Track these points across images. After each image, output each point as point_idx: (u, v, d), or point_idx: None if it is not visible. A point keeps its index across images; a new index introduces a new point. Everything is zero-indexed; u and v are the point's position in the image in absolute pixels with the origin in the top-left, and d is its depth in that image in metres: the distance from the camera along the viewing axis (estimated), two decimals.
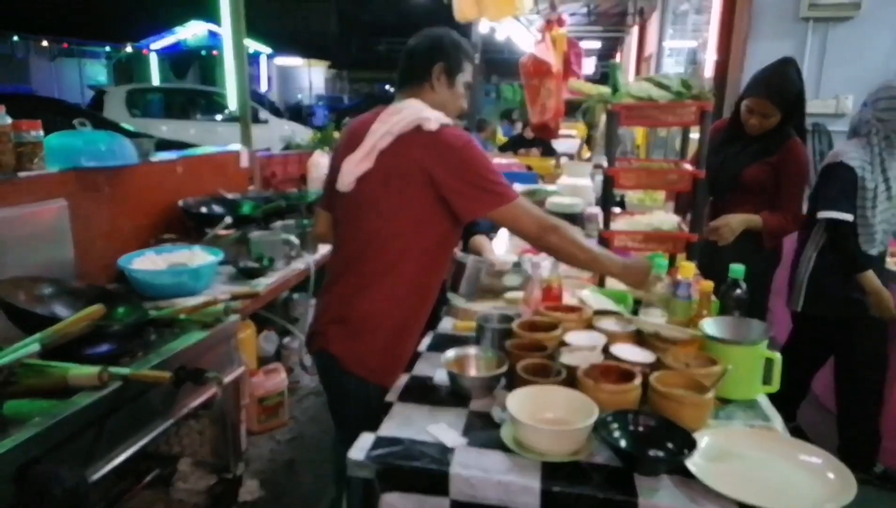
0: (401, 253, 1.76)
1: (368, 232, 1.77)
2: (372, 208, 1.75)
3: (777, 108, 2.62)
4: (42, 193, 2.30)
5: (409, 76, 1.83)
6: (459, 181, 1.69)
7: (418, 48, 1.82)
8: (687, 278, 1.75)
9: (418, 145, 1.69)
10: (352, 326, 1.79)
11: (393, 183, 1.72)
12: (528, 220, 1.74)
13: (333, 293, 1.86)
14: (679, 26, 6.92)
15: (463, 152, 1.70)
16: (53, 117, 2.50)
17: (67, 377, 1.71)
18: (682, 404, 1.40)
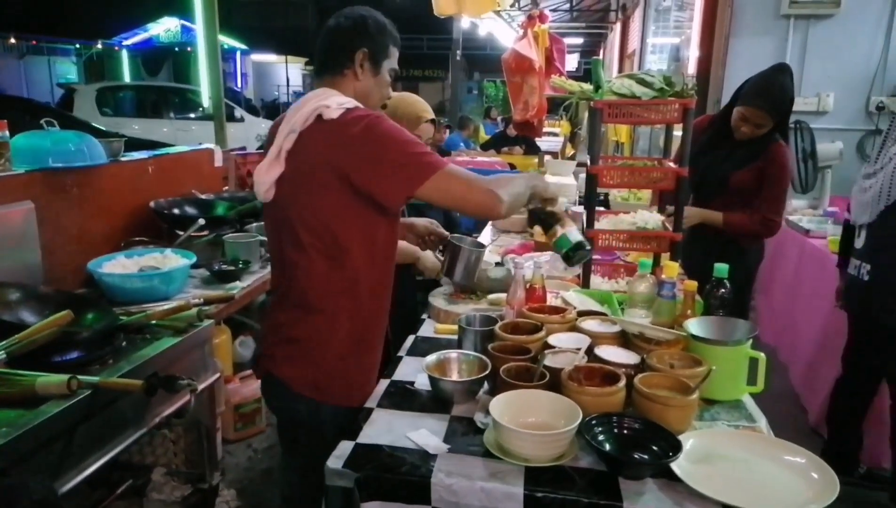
0: (333, 262, 1.58)
1: (296, 243, 1.59)
2: (293, 215, 1.58)
3: (772, 118, 2.62)
4: (8, 195, 2.22)
5: (329, 63, 1.63)
6: (371, 164, 1.49)
7: (340, 30, 1.62)
8: (671, 278, 1.74)
9: (320, 139, 1.52)
10: (299, 346, 1.63)
11: (305, 185, 1.55)
12: (471, 185, 1.52)
13: (277, 312, 1.69)
14: (662, 23, 6.96)
15: (369, 132, 1.49)
16: (21, 117, 2.42)
17: (35, 386, 1.65)
18: (666, 405, 1.39)
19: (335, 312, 1.61)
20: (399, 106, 2.20)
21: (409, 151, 1.50)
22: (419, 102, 2.24)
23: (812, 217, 4.04)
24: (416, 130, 2.19)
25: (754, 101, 2.62)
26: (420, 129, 2.19)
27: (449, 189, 1.51)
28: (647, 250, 2.22)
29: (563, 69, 3.83)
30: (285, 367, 1.65)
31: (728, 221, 2.69)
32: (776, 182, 2.68)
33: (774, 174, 2.66)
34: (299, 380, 1.63)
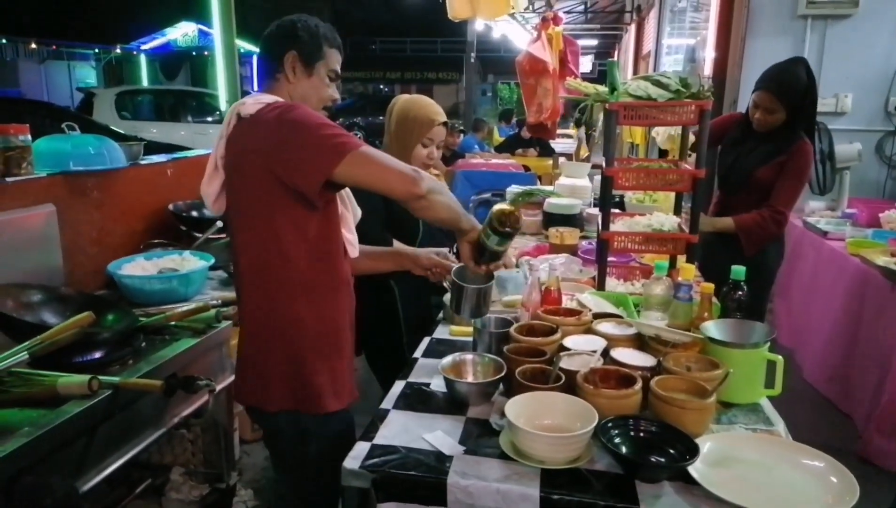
0: (279, 262, 1.56)
1: (248, 253, 1.60)
2: (238, 223, 1.61)
3: (780, 103, 2.62)
4: (30, 198, 2.26)
5: (265, 68, 1.65)
6: (286, 150, 1.47)
7: (270, 36, 1.65)
8: (688, 280, 1.73)
9: (239, 136, 1.54)
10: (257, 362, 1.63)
11: (239, 188, 1.56)
12: (388, 165, 1.50)
13: (242, 331, 1.70)
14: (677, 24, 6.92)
15: (282, 118, 1.48)
16: (42, 121, 2.46)
17: (57, 386, 1.68)
18: (683, 408, 1.38)
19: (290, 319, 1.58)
20: (411, 108, 2.21)
21: (321, 134, 1.47)
22: (431, 105, 2.25)
23: (830, 219, 4.00)
24: (428, 133, 2.19)
25: (763, 84, 2.67)
26: (433, 131, 2.19)
27: (365, 169, 1.48)
28: (663, 253, 2.21)
29: (577, 71, 3.82)
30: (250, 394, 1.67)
31: (740, 223, 2.68)
32: (792, 176, 2.67)
33: (792, 169, 2.65)
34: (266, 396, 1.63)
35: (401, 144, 2.18)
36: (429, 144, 2.20)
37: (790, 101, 2.63)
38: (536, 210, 3.52)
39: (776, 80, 2.67)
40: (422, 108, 2.21)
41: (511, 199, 1.65)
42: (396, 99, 2.27)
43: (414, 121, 2.17)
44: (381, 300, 2.23)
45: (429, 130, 2.18)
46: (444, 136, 2.24)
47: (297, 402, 1.61)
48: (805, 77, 2.66)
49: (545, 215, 3.31)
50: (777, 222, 2.67)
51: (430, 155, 2.21)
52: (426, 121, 2.18)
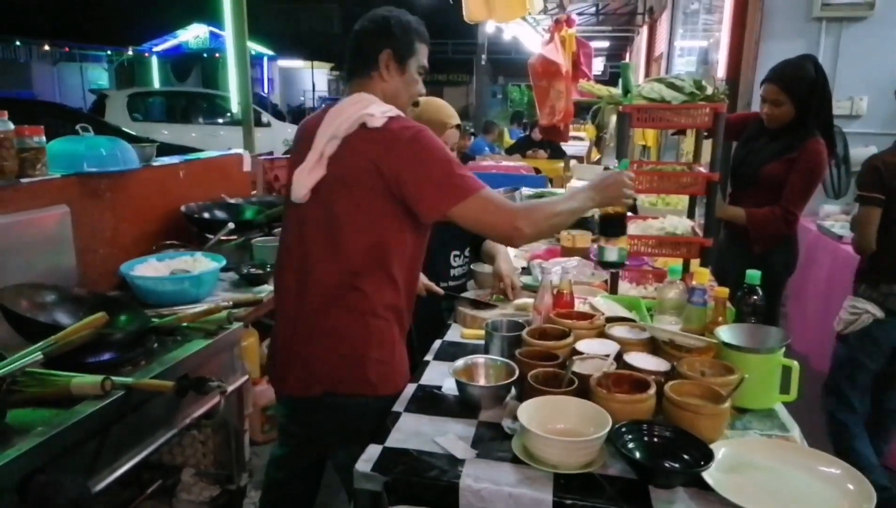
0: (366, 264, 1.62)
1: (328, 246, 1.62)
2: (329, 218, 1.61)
3: (786, 95, 2.61)
4: (44, 199, 2.27)
5: (356, 67, 1.67)
6: (416, 175, 1.54)
7: (363, 33, 1.66)
8: (702, 285, 1.71)
9: (365, 144, 1.56)
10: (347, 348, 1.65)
11: (346, 190, 1.59)
12: (496, 215, 1.57)
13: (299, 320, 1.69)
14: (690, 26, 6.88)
15: (413, 145, 1.55)
16: (55, 122, 2.47)
17: (70, 386, 1.68)
18: (698, 414, 1.37)
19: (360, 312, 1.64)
20: (425, 111, 2.20)
21: (451, 171, 1.56)
22: (445, 108, 2.24)
23: (845, 223, 3.95)
24: (441, 136, 2.18)
25: (768, 77, 2.68)
26: (445, 134, 2.19)
27: (478, 214, 1.57)
28: (677, 256, 2.19)
29: (589, 73, 3.81)
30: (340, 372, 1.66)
31: (750, 216, 2.65)
32: (802, 175, 2.63)
33: (802, 168, 2.62)
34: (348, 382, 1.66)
35: None
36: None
37: (795, 92, 2.61)
38: None
39: (780, 71, 2.68)
40: (435, 111, 2.21)
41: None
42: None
43: (427, 124, 2.16)
44: None
45: (441, 133, 2.17)
46: (457, 138, 2.24)
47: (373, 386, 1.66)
48: (813, 71, 2.64)
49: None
50: (787, 221, 2.64)
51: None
52: (439, 124, 2.17)
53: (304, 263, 1.67)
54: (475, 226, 1.61)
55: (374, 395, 1.65)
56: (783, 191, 2.65)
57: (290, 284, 1.71)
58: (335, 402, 1.68)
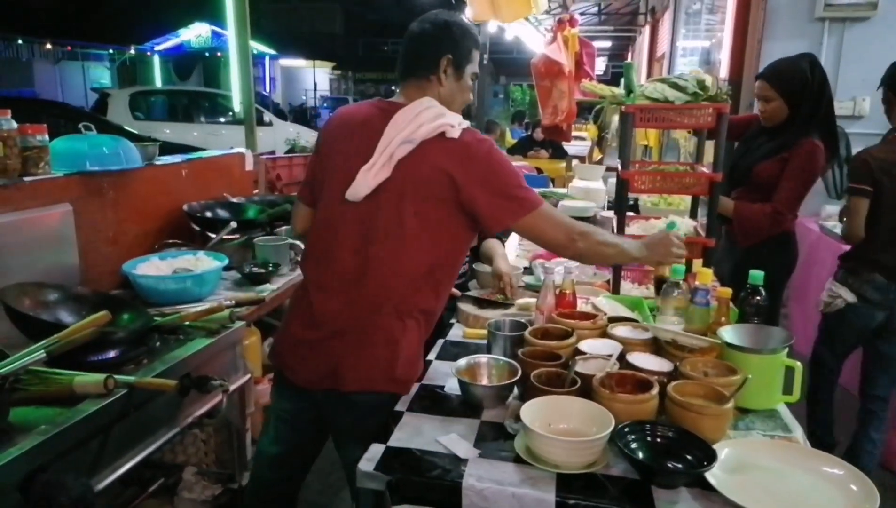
0: (424, 274, 1.65)
1: (394, 251, 1.62)
2: (390, 219, 1.61)
3: (775, 91, 2.61)
4: (47, 197, 2.27)
5: (415, 68, 1.68)
6: (485, 190, 1.59)
7: (424, 36, 1.67)
8: (705, 285, 1.71)
9: (441, 154, 1.58)
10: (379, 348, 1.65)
11: (417, 197, 1.60)
12: (555, 228, 1.65)
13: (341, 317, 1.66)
14: (692, 26, 6.87)
15: (488, 159, 1.61)
16: (57, 121, 2.47)
17: (73, 385, 1.68)
18: (701, 414, 1.37)
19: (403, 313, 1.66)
20: None
21: (519, 185, 1.63)
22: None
23: None
24: None
25: (760, 72, 2.70)
26: None
27: (538, 227, 1.66)
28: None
29: (592, 73, 3.81)
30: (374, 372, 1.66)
31: (738, 209, 2.64)
32: (794, 175, 2.60)
33: (794, 167, 2.59)
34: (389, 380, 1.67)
35: None
36: None
37: (785, 89, 2.61)
38: None
39: (772, 67, 2.70)
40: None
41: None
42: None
43: None
44: None
45: None
46: None
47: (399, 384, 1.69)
48: (807, 70, 2.62)
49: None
50: (775, 220, 2.61)
51: None
52: None
53: (363, 263, 1.64)
54: (536, 236, 1.68)
55: (398, 393, 1.68)
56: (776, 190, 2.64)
57: (335, 282, 1.67)
58: (364, 400, 1.67)
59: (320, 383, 1.70)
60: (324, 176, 1.72)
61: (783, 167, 2.62)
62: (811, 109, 2.61)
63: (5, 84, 17.57)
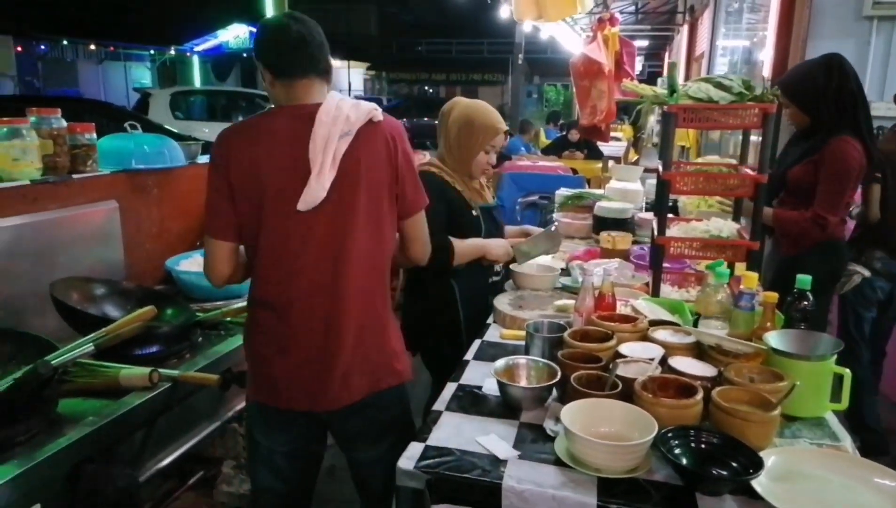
0: (380, 260, 1.66)
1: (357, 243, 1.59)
2: (353, 215, 1.57)
3: (788, 99, 2.56)
4: (94, 194, 2.33)
5: (315, 68, 1.59)
6: (409, 171, 1.67)
7: (318, 38, 1.60)
8: (750, 289, 1.68)
9: (375, 138, 1.59)
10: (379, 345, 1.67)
11: (365, 183, 1.58)
12: (425, 234, 1.77)
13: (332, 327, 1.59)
14: (733, 25, 6.72)
15: (406, 142, 1.67)
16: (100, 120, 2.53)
17: (119, 378, 1.73)
18: (747, 421, 1.34)
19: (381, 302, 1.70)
20: (476, 116, 2.20)
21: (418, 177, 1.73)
22: (494, 112, 2.26)
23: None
24: (492, 140, 2.19)
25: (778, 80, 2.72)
26: (496, 139, 2.20)
27: (420, 228, 1.76)
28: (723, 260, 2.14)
29: (632, 73, 3.76)
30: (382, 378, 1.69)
31: (777, 216, 2.58)
32: (827, 177, 2.52)
33: (828, 169, 2.51)
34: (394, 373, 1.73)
35: (463, 150, 2.19)
36: (490, 151, 2.21)
37: (797, 96, 2.57)
38: (586, 214, 3.48)
39: (787, 75, 2.73)
40: (486, 115, 2.22)
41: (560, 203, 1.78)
42: (453, 104, 2.27)
43: (478, 130, 2.18)
44: (441, 300, 2.23)
45: (492, 138, 2.19)
46: (504, 142, 2.25)
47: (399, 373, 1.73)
48: (824, 77, 2.53)
49: (595, 219, 3.26)
50: (818, 224, 2.53)
51: (489, 161, 2.24)
52: (491, 129, 2.18)
53: (338, 267, 1.58)
54: (413, 238, 1.76)
55: (401, 383, 1.73)
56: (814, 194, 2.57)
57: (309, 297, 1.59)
58: (374, 401, 1.66)
59: (323, 401, 1.62)
60: (252, 201, 1.56)
61: (816, 170, 2.55)
62: (831, 112, 2.52)
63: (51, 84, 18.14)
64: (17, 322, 1.94)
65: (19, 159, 2.06)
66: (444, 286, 2.23)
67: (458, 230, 2.20)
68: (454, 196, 2.21)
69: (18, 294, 2.03)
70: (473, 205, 2.23)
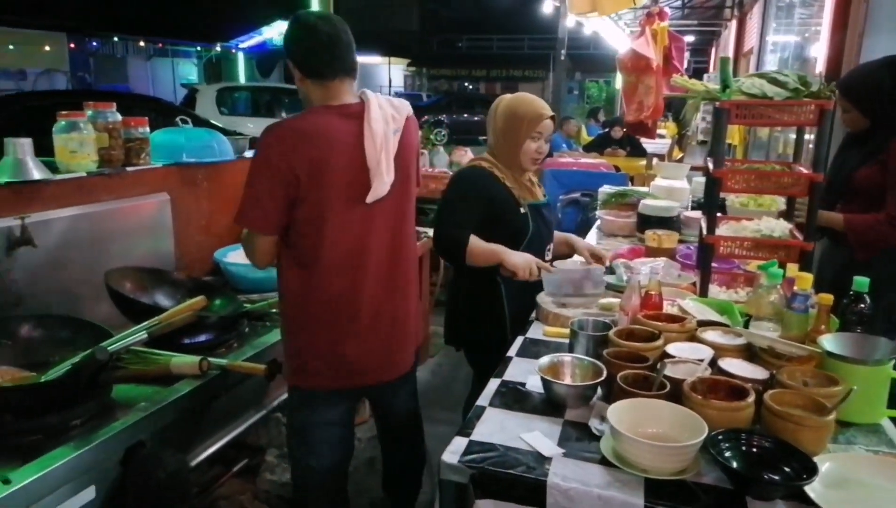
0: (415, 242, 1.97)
1: (407, 230, 1.88)
2: (405, 205, 1.85)
3: (849, 102, 2.44)
4: (147, 186, 2.40)
5: (346, 66, 1.73)
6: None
7: (346, 38, 1.73)
8: (804, 290, 1.63)
9: (409, 131, 1.83)
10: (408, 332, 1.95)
11: (409, 174, 1.84)
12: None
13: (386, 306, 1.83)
14: (784, 19, 6.53)
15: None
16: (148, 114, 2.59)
17: (170, 365, 1.78)
18: (800, 425, 1.30)
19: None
20: (519, 106, 2.19)
21: None
22: (537, 100, 2.24)
23: None
24: (538, 127, 2.17)
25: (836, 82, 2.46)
26: (542, 125, 2.17)
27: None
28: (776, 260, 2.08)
29: (681, 68, 3.69)
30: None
31: (849, 221, 2.48)
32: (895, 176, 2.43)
33: (893, 168, 2.42)
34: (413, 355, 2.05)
35: (510, 140, 2.18)
36: (538, 139, 2.18)
37: (858, 100, 2.43)
38: (630, 212, 3.43)
39: (846, 76, 2.58)
40: (530, 103, 2.21)
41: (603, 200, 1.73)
42: (500, 99, 2.26)
43: (522, 117, 2.16)
44: (487, 296, 2.23)
45: (537, 124, 2.16)
46: (551, 130, 2.22)
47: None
48: (886, 76, 2.41)
49: (639, 217, 3.21)
50: (892, 226, 2.45)
51: (538, 149, 2.20)
52: (535, 116, 2.16)
53: (393, 252, 1.83)
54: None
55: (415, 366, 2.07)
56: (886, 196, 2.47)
57: (372, 281, 1.78)
58: (411, 372, 2.04)
59: (385, 374, 1.90)
60: (316, 199, 1.68)
61: (883, 170, 2.45)
62: (891, 115, 2.42)
63: (102, 79, 18.69)
64: (71, 309, 2.00)
65: (76, 152, 2.13)
66: (491, 283, 2.22)
67: (504, 227, 2.19)
68: (502, 193, 2.19)
69: (74, 282, 2.10)
70: (522, 202, 2.21)
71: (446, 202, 2.20)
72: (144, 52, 20.81)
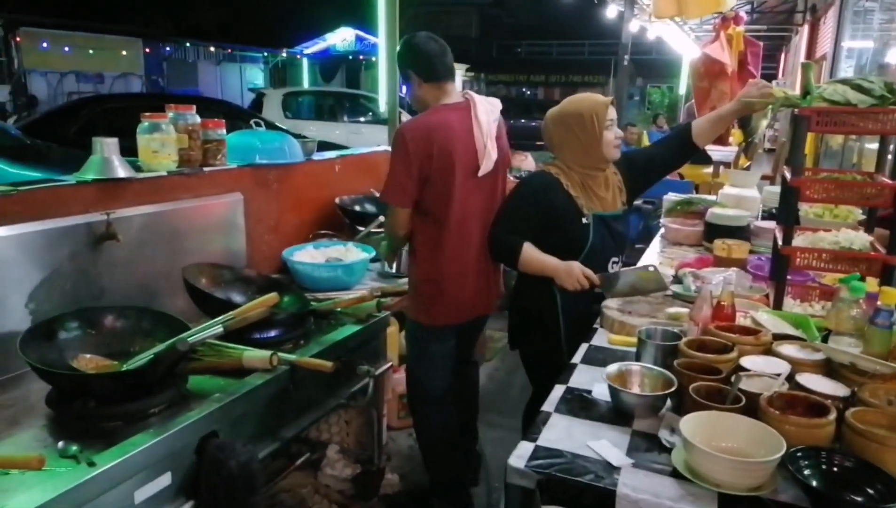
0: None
1: (494, 204, 2.29)
2: (497, 182, 2.31)
3: None
4: (222, 186, 2.48)
5: (452, 70, 2.29)
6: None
7: (448, 49, 2.27)
8: (889, 305, 1.56)
9: (501, 124, 2.32)
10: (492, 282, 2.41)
11: (504, 156, 2.31)
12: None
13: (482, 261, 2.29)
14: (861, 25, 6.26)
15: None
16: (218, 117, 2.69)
17: (242, 359, 1.83)
18: (885, 445, 1.25)
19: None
20: (579, 105, 2.20)
21: None
22: (591, 94, 2.28)
23: None
24: (609, 115, 2.15)
25: None
26: (609, 112, 2.16)
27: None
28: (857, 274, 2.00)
29: (757, 73, 3.58)
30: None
31: None
32: None
33: None
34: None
35: (589, 137, 2.15)
36: (611, 127, 2.17)
37: None
38: (696, 220, 3.35)
39: None
40: (586, 99, 2.24)
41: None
42: (547, 115, 2.30)
43: (590, 112, 2.14)
44: (541, 303, 2.22)
45: (605, 112, 2.14)
46: (615, 114, 2.19)
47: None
48: None
49: (707, 226, 3.13)
50: None
51: (616, 136, 2.19)
52: (601, 107, 2.15)
53: (485, 221, 2.26)
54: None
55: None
56: None
57: (476, 238, 2.26)
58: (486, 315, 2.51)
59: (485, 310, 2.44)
60: (438, 173, 2.16)
61: None
62: None
63: (174, 83, 19.43)
64: (150, 302, 2.09)
65: (158, 152, 2.22)
66: (546, 291, 2.20)
67: (562, 236, 2.17)
68: (563, 201, 2.17)
69: (152, 276, 2.19)
70: (587, 212, 2.18)
71: (506, 207, 2.26)
72: (214, 58, 21.51)
